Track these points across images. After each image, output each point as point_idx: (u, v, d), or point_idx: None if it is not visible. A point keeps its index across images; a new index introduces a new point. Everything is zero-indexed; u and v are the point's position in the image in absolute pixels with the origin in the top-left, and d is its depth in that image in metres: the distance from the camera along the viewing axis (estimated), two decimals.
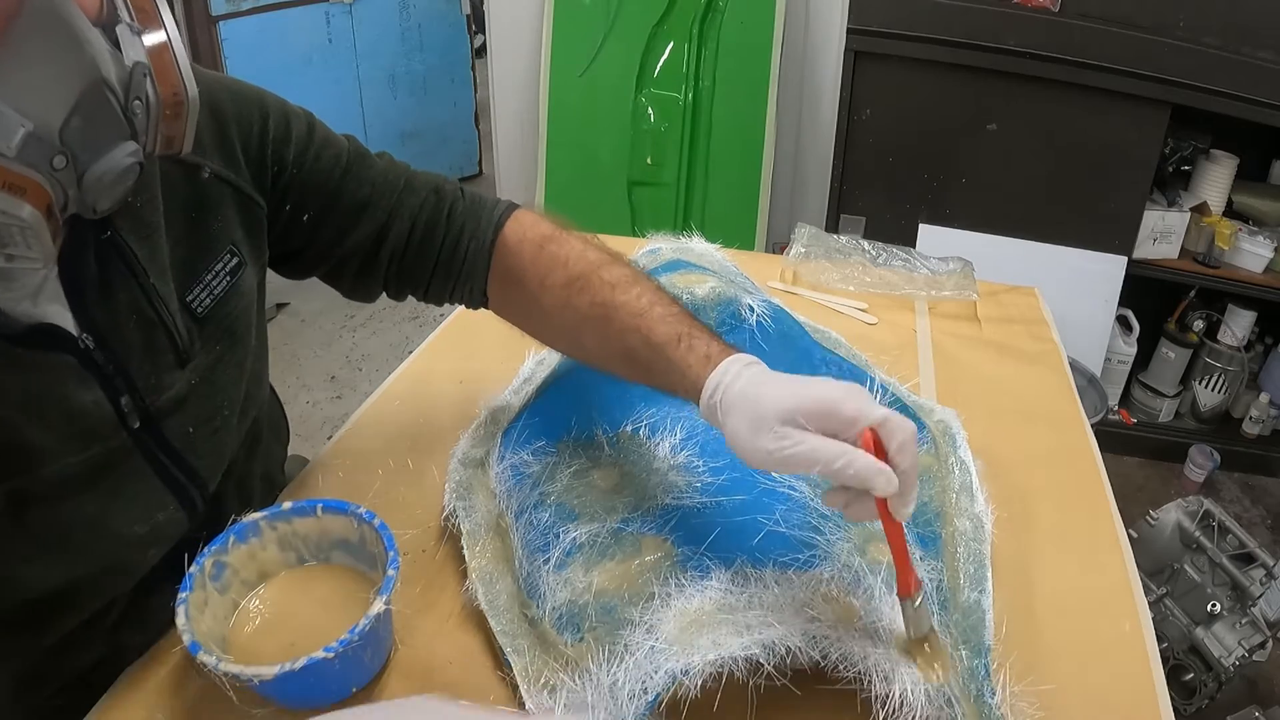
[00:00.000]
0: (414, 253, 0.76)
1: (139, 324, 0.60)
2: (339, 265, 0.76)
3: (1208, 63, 1.77)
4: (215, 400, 0.67)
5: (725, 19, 2.10)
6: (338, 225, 0.73)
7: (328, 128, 0.74)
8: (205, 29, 2.73)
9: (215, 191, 0.66)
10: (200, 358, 0.65)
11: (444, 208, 0.76)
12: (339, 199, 0.73)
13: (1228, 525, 1.55)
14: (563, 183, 2.29)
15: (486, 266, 0.75)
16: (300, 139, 0.71)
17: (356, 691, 0.62)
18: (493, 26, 2.32)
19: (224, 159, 0.66)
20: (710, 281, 0.90)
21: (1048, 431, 0.94)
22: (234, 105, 0.67)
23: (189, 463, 0.65)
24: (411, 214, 0.75)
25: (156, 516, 0.64)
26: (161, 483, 0.64)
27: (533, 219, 0.76)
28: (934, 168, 2.04)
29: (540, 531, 0.71)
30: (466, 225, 0.75)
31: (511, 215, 0.76)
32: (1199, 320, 2.21)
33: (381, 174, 0.74)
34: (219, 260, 0.66)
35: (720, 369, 0.60)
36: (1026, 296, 1.24)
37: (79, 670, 0.66)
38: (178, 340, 0.63)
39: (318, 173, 0.72)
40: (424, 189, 0.76)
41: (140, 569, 0.65)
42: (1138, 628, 0.70)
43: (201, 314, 0.65)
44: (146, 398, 0.61)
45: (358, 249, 0.74)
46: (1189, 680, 1.52)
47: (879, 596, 0.62)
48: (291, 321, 2.80)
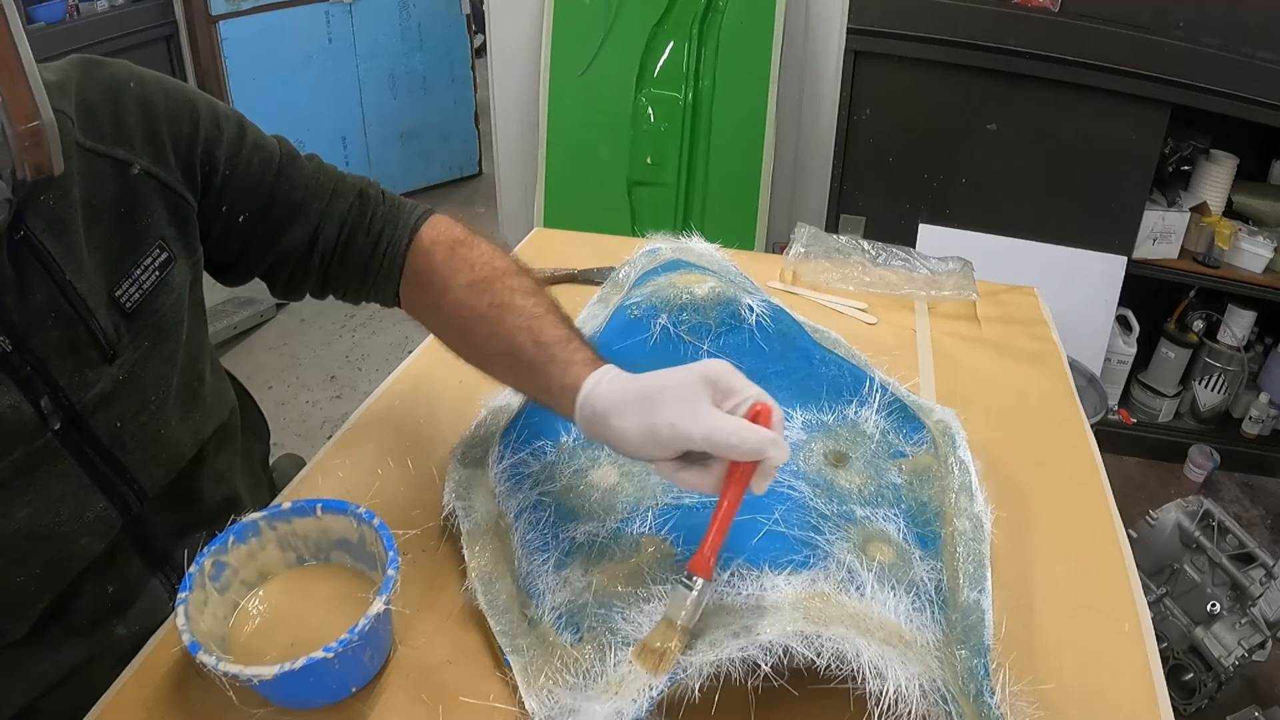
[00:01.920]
0: (340, 256, 0.77)
1: (58, 321, 0.61)
2: (274, 267, 0.77)
3: (1208, 63, 1.77)
4: (143, 395, 0.68)
5: (725, 19, 2.10)
6: (271, 227, 0.75)
7: (259, 129, 0.75)
8: (205, 29, 2.74)
9: (144, 187, 0.66)
10: (128, 353, 0.66)
11: (367, 212, 0.77)
12: (272, 201, 0.74)
13: (1227, 525, 1.55)
14: (563, 183, 2.29)
15: (400, 269, 0.77)
16: (231, 141, 0.72)
17: (356, 691, 0.62)
18: (493, 26, 2.32)
19: (153, 156, 0.67)
20: (710, 281, 0.90)
21: (1047, 431, 0.94)
22: (165, 104, 0.68)
23: (118, 459, 0.66)
24: (340, 218, 0.76)
25: (86, 515, 0.64)
26: (91, 480, 0.64)
27: (447, 224, 0.78)
28: (934, 168, 2.04)
29: (540, 531, 0.71)
30: (385, 230, 0.77)
31: (427, 220, 0.78)
32: (1199, 320, 2.21)
33: (312, 177, 0.76)
34: (148, 255, 0.67)
35: (599, 371, 0.63)
36: (1026, 296, 1.24)
37: (69, 667, 0.66)
38: (100, 336, 0.63)
39: (250, 175, 0.73)
40: (350, 193, 0.77)
41: (78, 565, 0.65)
42: (1137, 628, 0.70)
43: (130, 309, 0.66)
44: (71, 396, 0.62)
45: (292, 251, 0.76)
46: (1189, 680, 1.52)
47: (870, 594, 0.62)
48: (291, 321, 2.80)
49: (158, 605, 0.71)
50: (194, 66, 2.78)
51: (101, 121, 0.64)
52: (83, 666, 0.67)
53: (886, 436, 0.84)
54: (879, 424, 0.85)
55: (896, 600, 0.62)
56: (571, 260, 1.26)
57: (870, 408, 0.86)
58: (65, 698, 0.65)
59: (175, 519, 0.73)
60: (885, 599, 0.62)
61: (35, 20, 2.26)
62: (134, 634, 0.68)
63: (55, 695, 0.67)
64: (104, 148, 0.64)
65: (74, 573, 0.65)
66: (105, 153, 0.64)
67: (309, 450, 0.93)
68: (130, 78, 0.66)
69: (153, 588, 0.72)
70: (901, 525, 0.73)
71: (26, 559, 0.62)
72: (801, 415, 0.86)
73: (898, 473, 0.80)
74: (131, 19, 2.58)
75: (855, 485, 0.77)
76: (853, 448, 0.82)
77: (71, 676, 0.67)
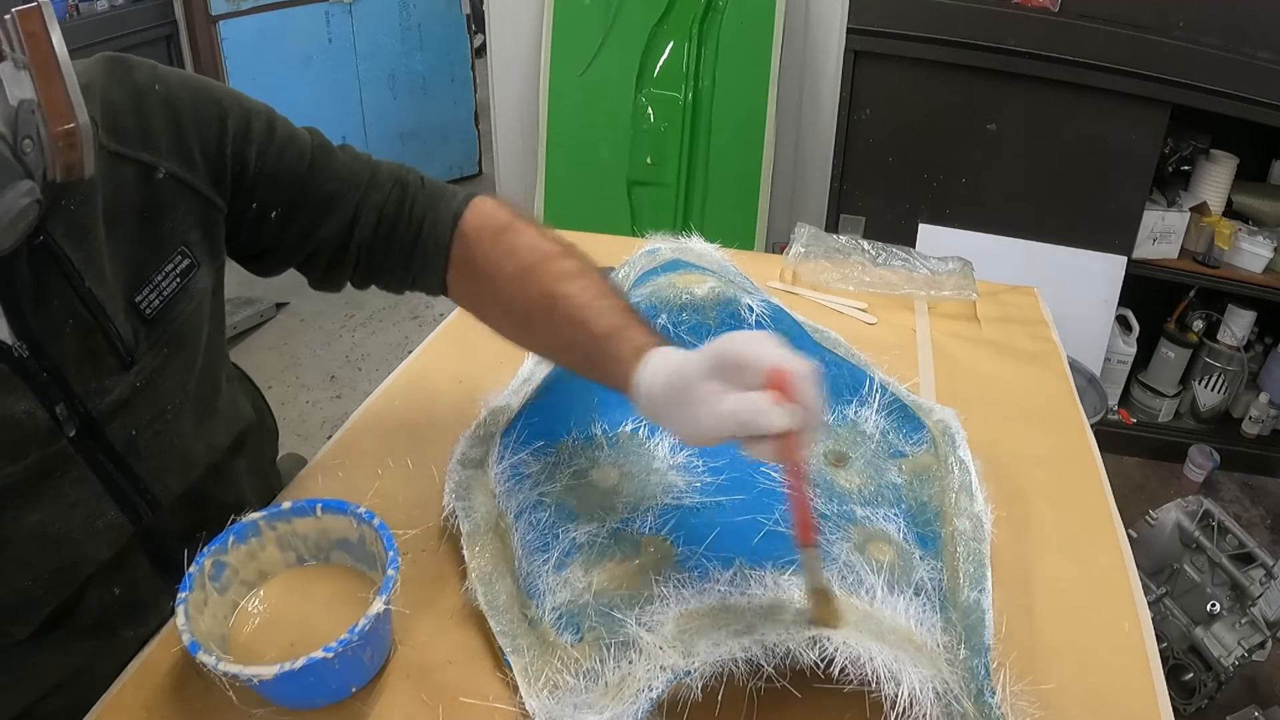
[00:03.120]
0: (381, 245, 0.76)
1: (76, 328, 0.60)
2: (310, 259, 0.76)
3: (1208, 63, 1.76)
4: (159, 403, 0.67)
5: (725, 19, 2.10)
6: (306, 220, 0.73)
7: (289, 122, 0.74)
8: (205, 29, 2.74)
9: (170, 192, 0.65)
10: (146, 360, 0.65)
11: (406, 199, 0.76)
12: (306, 194, 0.73)
13: (1227, 525, 1.55)
14: (563, 183, 2.29)
15: (446, 257, 0.75)
16: (261, 137, 0.70)
17: (356, 691, 0.62)
18: (493, 26, 2.32)
19: (180, 160, 0.66)
20: (710, 281, 0.90)
21: (1047, 431, 0.94)
22: (192, 105, 0.67)
23: (132, 467, 0.66)
24: (378, 207, 0.75)
25: (96, 523, 0.64)
26: (103, 488, 0.64)
27: (491, 208, 0.76)
28: (934, 168, 2.04)
29: (540, 531, 0.71)
30: (427, 216, 0.75)
31: (470, 205, 0.76)
32: (1199, 320, 2.20)
33: (346, 167, 0.74)
34: (169, 261, 0.66)
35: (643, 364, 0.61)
36: (1026, 296, 1.24)
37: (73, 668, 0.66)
38: (118, 343, 0.63)
39: (282, 169, 0.71)
40: (388, 181, 0.76)
41: (86, 570, 0.65)
42: (1137, 628, 0.70)
43: (150, 315, 0.65)
44: (87, 403, 0.62)
45: (327, 243, 0.75)
46: (1188, 680, 1.52)
47: (881, 597, 0.62)
48: (291, 321, 2.79)
49: (164, 609, 0.71)
50: (194, 66, 2.78)
51: (126, 124, 0.63)
52: (87, 668, 0.67)
53: (886, 436, 0.84)
54: (879, 424, 0.85)
55: (906, 603, 0.62)
56: None
57: (870, 408, 0.86)
58: (68, 699, 0.65)
59: (186, 525, 0.73)
60: (894, 602, 0.62)
61: None
62: (140, 637, 0.68)
63: (58, 696, 0.66)
64: (129, 151, 0.63)
65: (81, 578, 0.65)
66: (130, 156, 0.63)
67: (309, 450, 0.93)
68: (155, 79, 0.65)
69: (160, 591, 0.72)
70: (902, 525, 0.73)
71: (35, 563, 0.61)
72: None
73: (898, 472, 0.80)
74: (131, 19, 2.58)
75: (855, 485, 0.77)
76: (853, 448, 0.82)
77: (75, 678, 0.66)
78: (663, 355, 0.60)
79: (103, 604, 0.68)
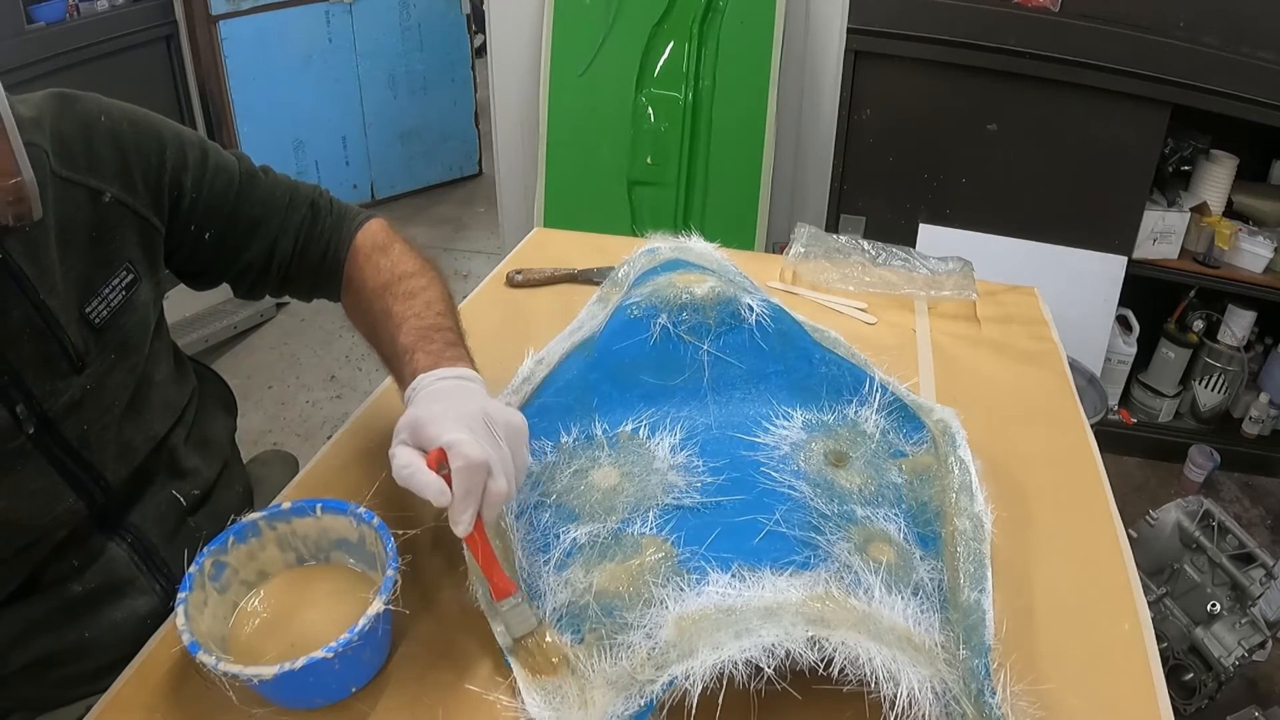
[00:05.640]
0: (295, 263, 0.85)
1: (32, 336, 0.66)
2: (238, 276, 0.84)
3: (1208, 63, 1.76)
4: (106, 401, 0.73)
5: (725, 19, 2.10)
6: (235, 242, 0.81)
7: (219, 150, 0.81)
8: (205, 29, 2.73)
9: (115, 214, 0.72)
10: (95, 364, 0.71)
11: (319, 222, 0.85)
12: (235, 219, 0.81)
13: (1227, 525, 1.55)
14: (563, 182, 2.29)
15: (341, 274, 0.85)
16: (196, 165, 0.77)
17: (356, 691, 0.62)
18: (493, 26, 2.32)
19: (123, 185, 0.72)
20: (710, 281, 0.90)
21: (1047, 431, 0.94)
22: (134, 136, 0.73)
23: (85, 458, 0.71)
24: (295, 230, 0.84)
25: (56, 509, 0.70)
26: (61, 478, 0.70)
27: (376, 229, 0.86)
28: (934, 168, 2.04)
29: (540, 532, 0.71)
30: (333, 238, 0.85)
31: (363, 227, 0.86)
32: (1199, 320, 2.21)
33: (269, 192, 0.83)
34: (115, 276, 0.72)
35: (408, 392, 0.69)
36: (1026, 296, 1.24)
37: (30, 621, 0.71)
38: (70, 349, 0.68)
39: (214, 196, 0.79)
40: (303, 205, 0.84)
41: (45, 550, 0.70)
42: (1137, 627, 0.70)
43: (99, 324, 0.71)
44: (43, 403, 0.67)
45: (253, 263, 0.83)
46: (1189, 680, 1.52)
47: (879, 597, 0.62)
48: (291, 321, 2.79)
49: (114, 565, 0.75)
50: (194, 66, 2.78)
51: (75, 153, 0.69)
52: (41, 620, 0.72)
53: (886, 436, 0.84)
54: (879, 424, 0.85)
55: (905, 604, 0.62)
56: (571, 260, 1.26)
57: (870, 407, 0.86)
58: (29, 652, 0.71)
59: (133, 496, 0.78)
60: (893, 602, 0.62)
61: (35, 20, 2.25)
62: (89, 591, 0.73)
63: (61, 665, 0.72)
64: (78, 177, 0.69)
65: (41, 557, 0.70)
66: (79, 181, 0.69)
67: (309, 450, 0.93)
68: (100, 111, 0.72)
69: (110, 549, 0.75)
70: (902, 525, 0.73)
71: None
72: (802, 415, 0.86)
73: (898, 472, 0.80)
74: (131, 19, 2.57)
75: (855, 485, 0.77)
76: (853, 447, 0.82)
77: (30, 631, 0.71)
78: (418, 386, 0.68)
79: (60, 573, 0.72)
